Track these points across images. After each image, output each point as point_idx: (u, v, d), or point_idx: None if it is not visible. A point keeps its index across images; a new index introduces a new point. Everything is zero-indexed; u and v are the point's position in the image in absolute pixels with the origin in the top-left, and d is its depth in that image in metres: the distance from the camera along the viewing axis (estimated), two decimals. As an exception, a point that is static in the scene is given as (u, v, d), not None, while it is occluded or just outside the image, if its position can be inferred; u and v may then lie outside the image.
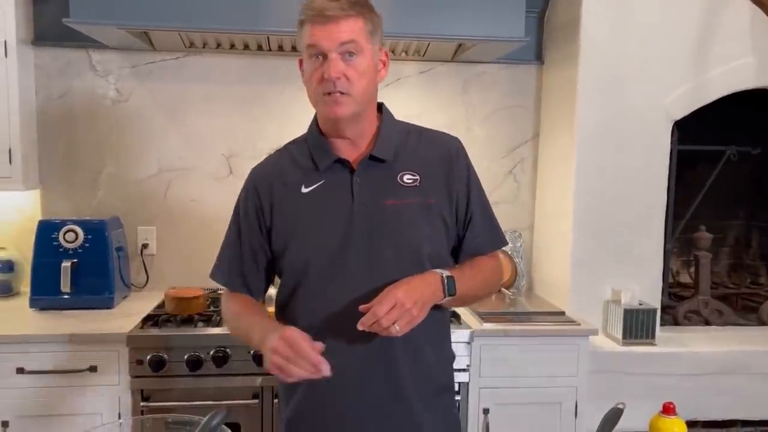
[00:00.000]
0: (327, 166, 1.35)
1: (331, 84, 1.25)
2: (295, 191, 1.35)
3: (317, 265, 1.32)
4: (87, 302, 2.32)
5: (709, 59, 2.45)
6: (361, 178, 1.34)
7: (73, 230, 2.32)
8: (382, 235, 1.32)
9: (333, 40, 1.25)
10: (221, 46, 2.56)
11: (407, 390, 1.35)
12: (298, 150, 1.41)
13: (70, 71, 2.57)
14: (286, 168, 1.39)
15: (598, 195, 2.48)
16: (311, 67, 1.28)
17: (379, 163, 1.35)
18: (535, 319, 2.33)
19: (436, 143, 1.43)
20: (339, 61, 1.25)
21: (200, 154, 2.66)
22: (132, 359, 2.04)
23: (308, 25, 1.27)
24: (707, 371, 2.38)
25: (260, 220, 1.39)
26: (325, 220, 1.33)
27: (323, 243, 1.32)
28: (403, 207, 1.34)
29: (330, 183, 1.35)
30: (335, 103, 1.27)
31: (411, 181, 1.36)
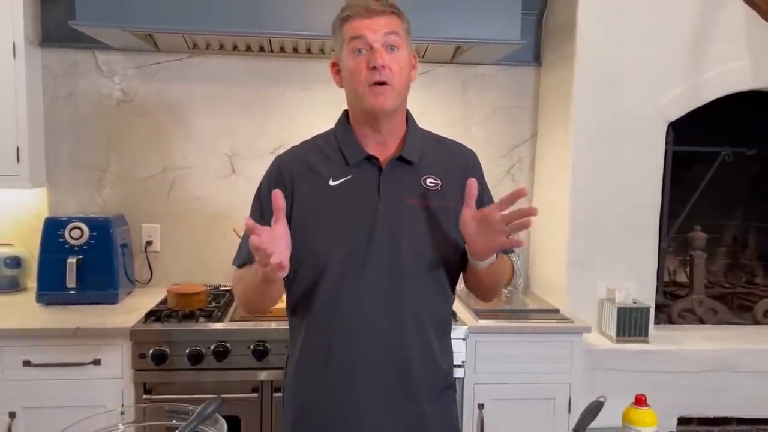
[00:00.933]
0: (357, 161, 1.39)
1: (377, 73, 1.30)
2: (323, 183, 1.38)
3: (339, 259, 1.35)
4: (92, 297, 2.38)
5: (704, 61, 2.48)
6: (388, 177, 1.38)
7: (78, 227, 2.38)
8: (403, 233, 1.36)
9: (378, 31, 1.31)
10: (224, 48, 2.61)
11: (419, 389, 1.39)
12: (326, 143, 1.44)
13: (77, 72, 2.63)
14: (314, 159, 1.42)
15: (593, 195, 2.51)
16: (354, 62, 1.33)
17: (405, 165, 1.40)
18: (530, 317, 2.37)
19: (456, 152, 1.50)
20: (384, 52, 1.31)
21: (203, 154, 2.72)
22: (135, 353, 2.10)
23: (352, 20, 1.33)
24: (700, 369, 2.42)
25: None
26: (351, 214, 1.36)
27: (348, 237, 1.35)
28: (424, 208, 1.39)
29: (358, 179, 1.38)
30: (381, 93, 1.32)
31: (433, 185, 1.40)
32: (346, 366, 1.36)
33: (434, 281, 1.42)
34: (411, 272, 1.37)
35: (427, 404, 1.40)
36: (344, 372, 1.36)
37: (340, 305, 1.35)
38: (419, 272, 1.38)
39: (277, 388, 2.15)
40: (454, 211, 1.39)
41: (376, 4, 1.33)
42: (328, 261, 1.36)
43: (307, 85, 2.71)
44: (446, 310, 1.48)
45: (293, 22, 2.28)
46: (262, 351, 2.12)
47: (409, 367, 1.38)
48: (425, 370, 1.40)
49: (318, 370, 1.38)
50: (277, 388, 2.15)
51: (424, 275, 1.40)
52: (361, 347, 1.35)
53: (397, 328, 1.37)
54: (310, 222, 1.38)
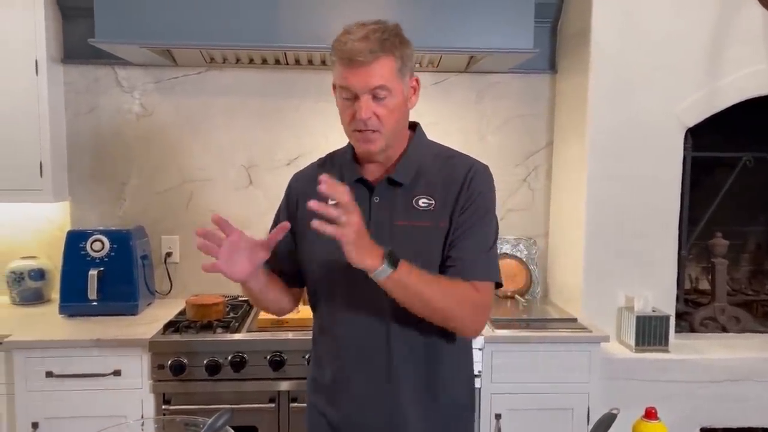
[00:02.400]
0: (350, 183, 1.39)
1: (362, 123, 1.30)
2: (321, 201, 1.38)
3: (330, 281, 1.41)
4: (113, 309, 2.42)
5: (721, 66, 2.45)
6: (380, 198, 1.39)
7: (99, 240, 2.42)
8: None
9: (364, 84, 1.28)
10: (240, 62, 2.65)
11: (412, 408, 1.40)
12: (332, 162, 1.50)
13: (98, 88, 2.69)
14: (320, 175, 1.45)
15: (610, 202, 2.49)
16: (343, 105, 1.34)
17: (396, 187, 1.40)
18: (547, 326, 2.36)
19: (457, 168, 1.42)
20: (370, 102, 1.29)
21: (221, 166, 2.75)
22: (154, 364, 2.13)
23: (339, 67, 1.31)
24: (722, 378, 2.38)
25: (290, 221, 1.42)
26: None
27: (335, 257, 1.32)
28: (414, 229, 1.37)
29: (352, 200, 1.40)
30: (366, 140, 1.34)
31: (426, 205, 1.39)
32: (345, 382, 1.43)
33: None
34: None
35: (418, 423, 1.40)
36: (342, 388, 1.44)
37: (331, 325, 1.44)
38: None
39: (294, 398, 2.17)
40: (444, 230, 1.38)
41: (364, 50, 1.26)
42: (318, 280, 1.44)
43: (322, 97, 2.73)
44: (437, 333, 1.41)
45: (308, 35, 2.30)
46: (279, 361, 2.14)
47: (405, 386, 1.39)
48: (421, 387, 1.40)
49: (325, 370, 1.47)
50: (294, 398, 2.17)
51: None
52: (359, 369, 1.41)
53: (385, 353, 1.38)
54: (308, 241, 1.43)
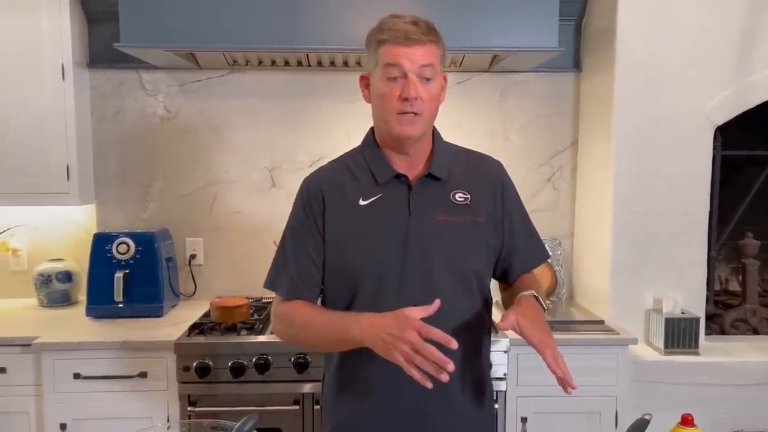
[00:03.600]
0: (386, 180, 1.39)
1: (408, 104, 1.30)
2: (353, 203, 1.38)
3: (372, 279, 1.35)
4: (138, 311, 2.44)
5: (751, 62, 2.39)
6: (417, 194, 1.38)
7: (125, 242, 2.44)
8: (434, 250, 1.36)
9: (415, 62, 1.30)
10: (263, 64, 2.66)
11: (461, 407, 1.40)
12: (354, 162, 1.44)
13: (122, 91, 2.71)
14: (343, 179, 1.42)
15: (637, 202, 2.45)
16: (386, 86, 1.32)
17: (434, 181, 1.40)
18: (574, 328, 2.32)
19: (484, 165, 1.49)
20: (418, 83, 1.30)
21: (244, 167, 2.76)
22: (179, 366, 2.14)
23: (390, 45, 1.31)
24: (754, 381, 2.32)
25: (317, 223, 1.40)
26: (383, 232, 1.37)
27: (380, 256, 1.36)
28: (454, 224, 1.38)
29: (388, 197, 1.39)
30: (410, 123, 1.33)
31: (462, 200, 1.40)
32: (385, 386, 1.36)
33: (468, 299, 1.42)
34: (445, 289, 1.36)
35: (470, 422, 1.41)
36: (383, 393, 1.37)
37: None
38: (453, 289, 1.38)
39: (318, 400, 2.16)
40: (484, 225, 1.41)
41: (416, 30, 1.30)
42: (361, 281, 1.37)
43: (344, 98, 2.73)
44: (480, 327, 1.45)
45: (329, 37, 2.30)
46: (303, 363, 2.14)
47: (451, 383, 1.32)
48: (465, 383, 1.40)
49: (357, 390, 1.40)
50: (318, 400, 2.16)
51: (458, 292, 1.39)
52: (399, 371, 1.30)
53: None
54: (341, 242, 1.39)
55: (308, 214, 1.41)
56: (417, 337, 1.14)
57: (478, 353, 1.45)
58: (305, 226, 1.42)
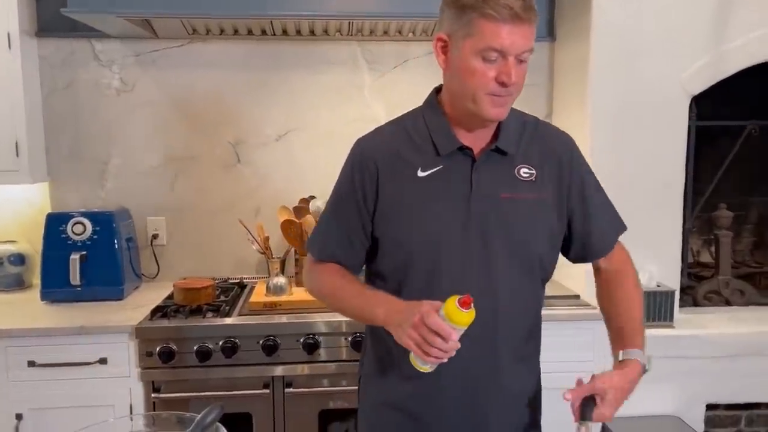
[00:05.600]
0: (449, 152, 1.28)
1: (505, 88, 1.18)
2: (411, 173, 1.28)
3: (429, 257, 1.26)
4: (98, 294, 2.32)
5: (728, 30, 2.34)
6: (481, 169, 1.28)
7: (81, 222, 2.31)
8: (497, 229, 1.27)
9: (519, 45, 1.16)
10: (224, 33, 2.52)
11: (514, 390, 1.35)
12: (415, 128, 1.32)
13: (74, 62, 2.55)
14: (402, 146, 1.31)
15: (613, 174, 2.38)
16: (480, 65, 1.17)
17: (499, 155, 1.30)
18: (549, 303, 2.26)
19: (553, 138, 1.37)
20: (516, 65, 1.18)
21: (206, 143, 2.63)
22: (141, 351, 2.04)
23: (493, 23, 1.15)
24: (728, 353, 2.32)
25: (366, 196, 1.30)
26: (442, 208, 1.27)
27: (439, 232, 1.26)
28: (519, 202, 1.29)
29: (449, 170, 1.28)
30: (500, 105, 1.21)
31: (528, 176, 1.30)
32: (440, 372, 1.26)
33: (529, 281, 1.34)
34: (505, 272, 1.28)
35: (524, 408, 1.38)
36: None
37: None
38: (514, 272, 1.29)
39: (289, 383, 2.09)
40: (551, 203, 1.31)
41: (523, 7, 1.14)
42: (416, 258, 1.27)
43: (312, 69, 2.61)
44: (537, 311, 1.39)
45: (295, 3, 2.18)
46: (272, 346, 2.05)
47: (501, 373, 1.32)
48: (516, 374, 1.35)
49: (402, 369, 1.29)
50: (288, 383, 2.09)
51: (519, 275, 1.31)
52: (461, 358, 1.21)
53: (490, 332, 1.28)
54: (396, 215, 1.28)
55: (356, 183, 1.31)
56: (421, 323, 1.09)
57: (532, 338, 1.39)
58: (350, 195, 1.32)
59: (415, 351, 1.12)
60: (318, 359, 2.10)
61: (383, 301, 1.23)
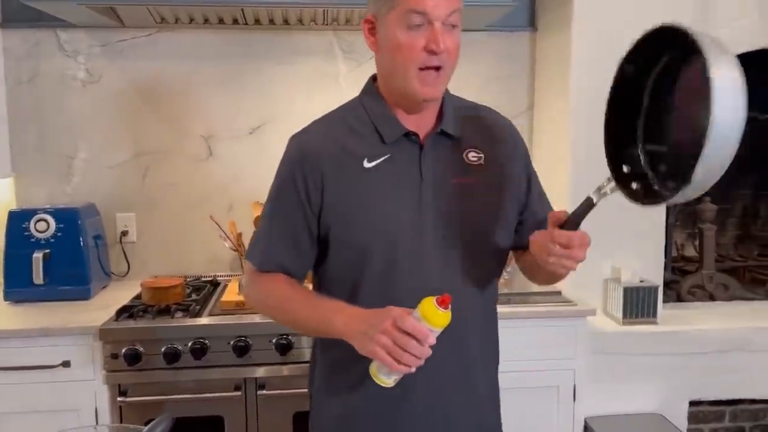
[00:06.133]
0: (395, 139, 1.21)
1: (435, 58, 1.12)
2: (357, 165, 1.20)
3: (385, 252, 1.18)
4: (63, 294, 2.23)
5: (709, 20, 2.29)
6: (430, 155, 1.22)
7: (44, 219, 2.22)
8: (452, 218, 1.21)
9: (443, 6, 1.11)
10: (194, 21, 2.43)
11: (481, 390, 1.30)
12: (356, 117, 1.25)
13: (38, 53, 2.45)
14: (343, 137, 1.23)
15: (594, 169, 2.28)
16: (405, 36, 1.12)
17: (446, 140, 1.24)
18: (530, 300, 2.22)
19: (496, 122, 1.33)
20: (444, 32, 1.12)
21: (177, 136, 2.54)
22: (106, 353, 1.95)
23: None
24: (712, 349, 2.27)
25: (309, 196, 1.21)
26: (393, 200, 1.20)
27: (393, 225, 1.19)
28: (471, 186, 1.23)
29: (397, 158, 1.21)
30: (432, 82, 1.15)
31: (476, 159, 1.25)
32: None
33: (487, 268, 1.28)
34: (467, 260, 1.23)
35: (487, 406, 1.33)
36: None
37: (389, 302, 1.11)
38: (475, 259, 1.24)
39: (261, 385, 2.02)
40: (501, 186, 1.26)
41: None
42: (370, 257, 1.19)
43: (285, 59, 2.53)
44: (495, 298, 1.35)
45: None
46: (243, 347, 1.98)
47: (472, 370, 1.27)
48: (484, 368, 1.31)
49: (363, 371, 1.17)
50: (261, 385, 2.02)
51: (480, 261, 1.25)
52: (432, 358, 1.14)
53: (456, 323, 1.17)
54: (345, 212, 1.20)
55: (298, 182, 1.22)
56: (394, 327, 1.02)
57: (494, 332, 1.35)
58: (292, 196, 1.23)
59: (383, 359, 1.03)
60: (291, 360, 2.02)
61: (341, 309, 1.14)
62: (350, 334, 1.09)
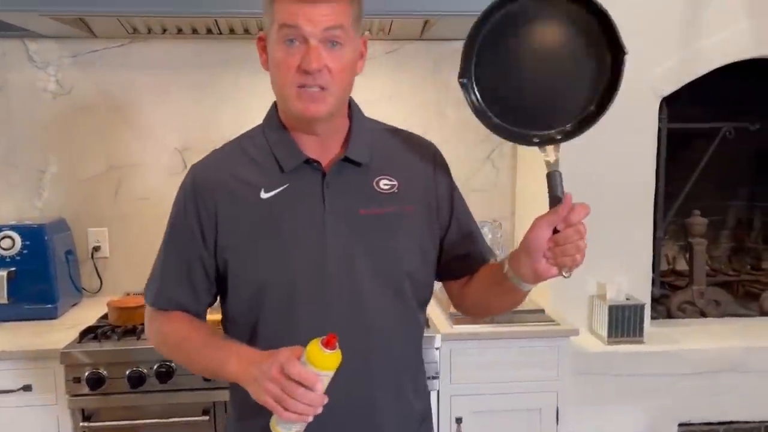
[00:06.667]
0: (294, 167, 1.14)
1: (311, 77, 1.05)
2: (253, 196, 1.13)
3: (284, 291, 1.11)
4: (29, 313, 2.16)
5: (699, 28, 2.22)
6: (334, 184, 1.14)
7: (9, 236, 2.15)
8: (359, 250, 1.13)
9: (317, 23, 1.04)
10: (168, 31, 2.36)
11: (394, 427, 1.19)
12: (255, 146, 1.18)
13: (6, 63, 2.38)
14: (241, 167, 1.16)
15: (578, 180, 2.21)
16: (283, 52, 1.06)
17: (353, 166, 1.16)
18: (512, 319, 2.14)
19: (414, 145, 1.26)
20: (321, 50, 1.05)
21: (151, 149, 2.47)
22: (68, 377, 1.88)
23: (284, 1, 1.05)
24: (702, 370, 2.19)
25: (204, 229, 1.15)
26: (293, 232, 1.12)
27: (291, 262, 1.12)
28: (380, 217, 1.15)
29: (297, 188, 1.14)
30: (312, 100, 1.07)
31: (388, 187, 1.17)
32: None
33: (402, 305, 1.19)
34: (374, 298, 1.14)
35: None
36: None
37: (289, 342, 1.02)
38: (384, 297, 1.15)
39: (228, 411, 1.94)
40: (417, 216, 1.18)
41: None
42: (268, 296, 1.12)
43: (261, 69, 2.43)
44: (417, 338, 1.26)
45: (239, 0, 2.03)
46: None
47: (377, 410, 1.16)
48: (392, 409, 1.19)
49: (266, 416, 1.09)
50: (230, 409, 1.94)
51: (391, 299, 1.17)
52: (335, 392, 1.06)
53: (362, 366, 1.13)
54: (240, 246, 1.13)
55: (191, 215, 1.16)
56: (281, 374, 0.94)
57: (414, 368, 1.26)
58: (185, 229, 1.16)
59: (274, 409, 0.96)
60: (262, 383, 1.95)
61: (235, 352, 1.06)
62: (244, 380, 1.02)
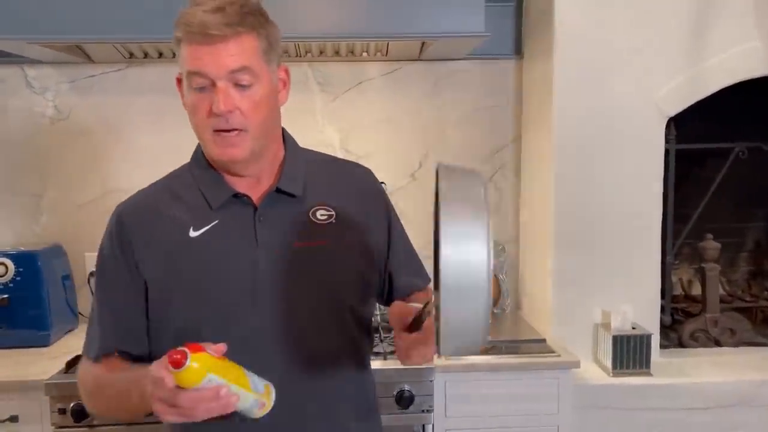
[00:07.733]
0: (222, 202, 1.11)
1: (223, 119, 1.02)
2: (181, 235, 1.10)
3: (215, 329, 1.05)
4: (22, 340, 2.15)
5: (707, 45, 2.12)
6: (266, 217, 1.11)
7: (2, 263, 2.15)
8: (295, 285, 1.08)
9: (221, 66, 1.01)
10: (164, 56, 2.35)
11: None
12: (182, 183, 1.17)
13: (5, 89, 2.39)
14: (167, 206, 1.14)
15: (582, 203, 2.18)
16: (194, 97, 1.04)
17: (287, 199, 1.12)
18: (510, 349, 2.06)
19: (350, 174, 1.24)
20: (230, 91, 1.02)
21: (148, 173, 2.36)
22: (53, 408, 1.85)
23: (187, 46, 1.02)
24: (713, 405, 2.07)
25: (131, 270, 1.11)
26: (222, 270, 1.09)
27: (221, 300, 1.08)
28: (317, 249, 1.11)
29: (226, 224, 1.11)
30: (229, 145, 1.05)
31: (325, 218, 1.14)
32: None
33: (343, 337, 1.14)
34: (313, 335, 1.09)
35: None
36: None
37: None
38: (324, 334, 1.11)
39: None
40: (356, 246, 1.14)
41: (216, 22, 0.99)
42: (198, 334, 1.04)
43: (258, 93, 2.43)
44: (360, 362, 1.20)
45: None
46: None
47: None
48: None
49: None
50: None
51: (332, 335, 1.12)
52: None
53: (300, 418, 1.08)
54: (168, 289, 1.09)
55: (118, 257, 1.12)
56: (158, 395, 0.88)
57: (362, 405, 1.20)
58: (114, 272, 1.12)
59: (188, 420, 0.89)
60: (250, 415, 1.90)
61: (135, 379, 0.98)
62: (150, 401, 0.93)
